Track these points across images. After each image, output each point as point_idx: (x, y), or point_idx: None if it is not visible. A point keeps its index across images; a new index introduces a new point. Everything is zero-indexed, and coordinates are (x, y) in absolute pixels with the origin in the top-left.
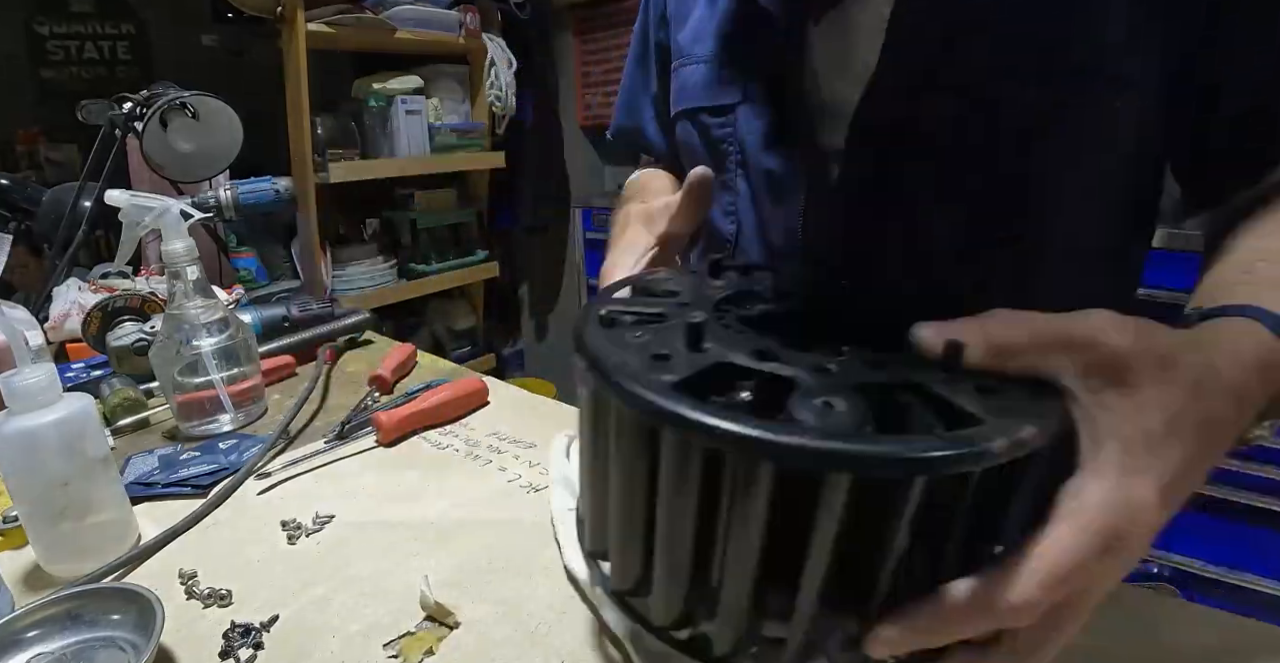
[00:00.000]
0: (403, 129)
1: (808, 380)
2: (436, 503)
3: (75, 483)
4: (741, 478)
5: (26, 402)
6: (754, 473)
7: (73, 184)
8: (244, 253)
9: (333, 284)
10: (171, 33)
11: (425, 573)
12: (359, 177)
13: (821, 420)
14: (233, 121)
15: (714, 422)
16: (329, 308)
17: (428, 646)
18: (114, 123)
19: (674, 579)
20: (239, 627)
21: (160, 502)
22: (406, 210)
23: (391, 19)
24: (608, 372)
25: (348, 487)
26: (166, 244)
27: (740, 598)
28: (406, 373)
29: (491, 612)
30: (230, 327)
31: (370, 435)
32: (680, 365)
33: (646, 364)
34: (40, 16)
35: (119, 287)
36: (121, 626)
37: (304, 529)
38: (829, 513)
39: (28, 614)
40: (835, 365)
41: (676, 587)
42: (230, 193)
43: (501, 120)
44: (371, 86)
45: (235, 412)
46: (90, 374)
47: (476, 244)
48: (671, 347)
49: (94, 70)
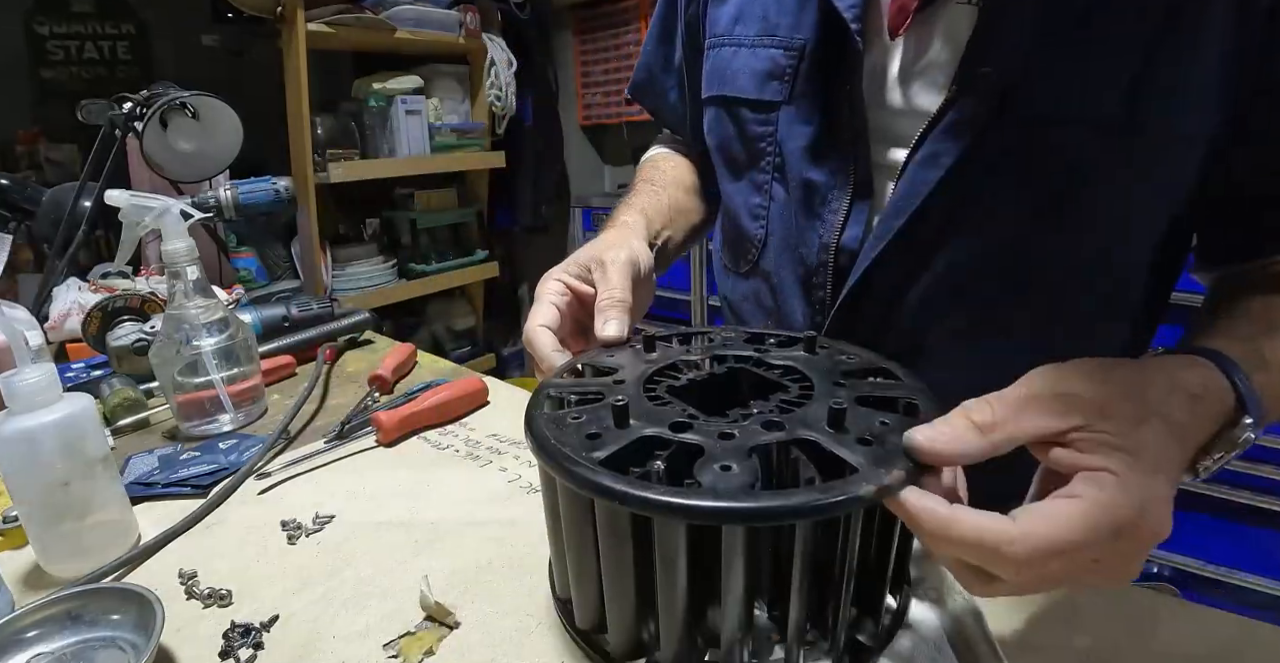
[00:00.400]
0: (403, 129)
1: (712, 446)
2: (436, 503)
3: (75, 483)
4: (658, 533)
5: (26, 402)
6: (666, 529)
7: (73, 184)
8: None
9: (333, 284)
10: (171, 33)
11: (425, 573)
12: (359, 176)
13: (719, 483)
14: (233, 121)
15: (629, 491)
16: (329, 308)
17: (428, 646)
18: (114, 123)
19: (622, 617)
20: (239, 627)
21: (160, 502)
22: (406, 210)
23: (391, 19)
24: (549, 452)
25: (348, 487)
26: (166, 244)
27: (676, 629)
28: (406, 373)
29: (491, 612)
30: (230, 327)
31: (370, 435)
32: (609, 442)
33: (581, 443)
34: (40, 16)
35: (119, 287)
36: (121, 626)
37: (304, 529)
38: (734, 555)
39: (28, 614)
40: (738, 430)
41: (626, 623)
42: (230, 193)
43: (501, 120)
44: (371, 86)
45: (235, 412)
46: (90, 374)
47: (476, 244)
48: (602, 425)
49: (94, 70)
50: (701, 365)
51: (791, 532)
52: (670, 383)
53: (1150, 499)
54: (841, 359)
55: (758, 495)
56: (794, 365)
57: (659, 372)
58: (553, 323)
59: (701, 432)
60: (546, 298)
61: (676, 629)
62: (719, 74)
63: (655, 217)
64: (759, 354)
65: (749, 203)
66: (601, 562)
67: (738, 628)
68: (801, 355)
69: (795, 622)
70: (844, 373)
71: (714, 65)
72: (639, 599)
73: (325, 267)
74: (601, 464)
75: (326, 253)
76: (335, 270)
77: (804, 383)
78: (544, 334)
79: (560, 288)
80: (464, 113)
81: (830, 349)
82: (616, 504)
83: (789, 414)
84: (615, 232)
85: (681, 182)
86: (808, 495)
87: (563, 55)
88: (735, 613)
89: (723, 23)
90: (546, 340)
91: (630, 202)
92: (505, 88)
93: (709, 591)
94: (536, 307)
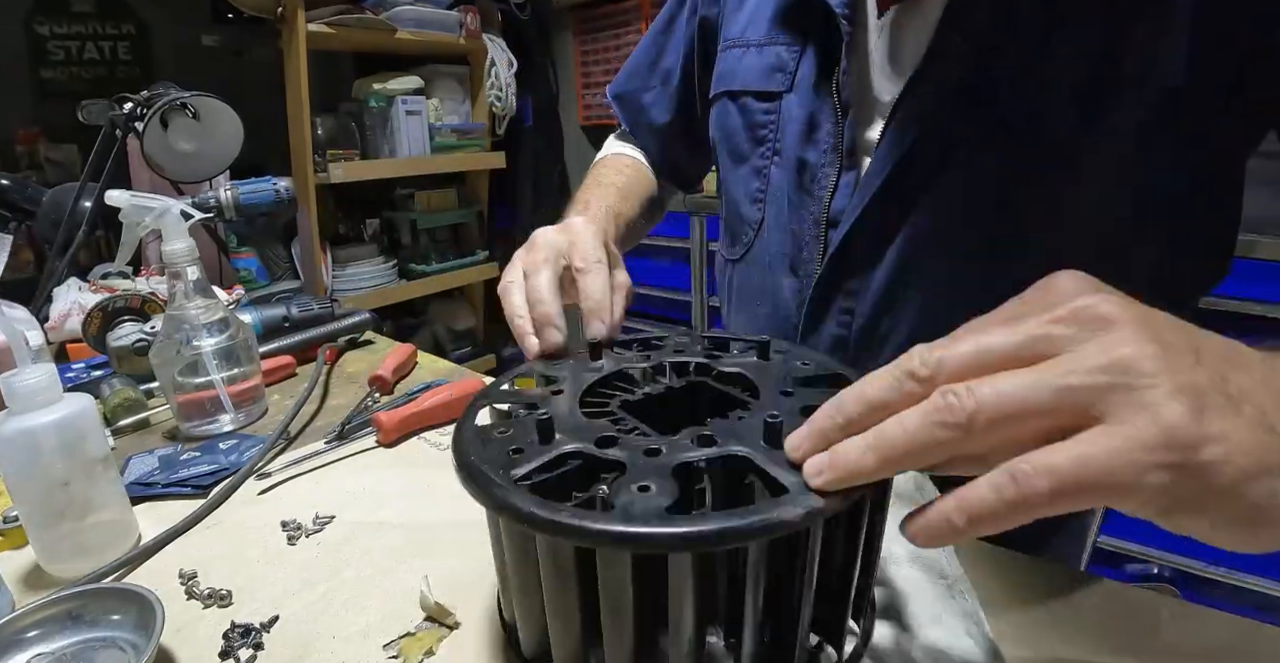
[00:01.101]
0: (403, 129)
1: (636, 464)
2: (437, 503)
3: (75, 483)
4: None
5: (26, 402)
6: (560, 550)
7: (73, 184)
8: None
9: (333, 284)
10: (171, 33)
11: (425, 573)
12: (359, 177)
13: (633, 503)
14: (233, 121)
15: (532, 511)
16: (329, 308)
17: (428, 646)
18: (114, 123)
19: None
20: (239, 627)
21: (160, 502)
22: (406, 210)
23: (391, 19)
24: (467, 468)
25: (348, 487)
26: (167, 244)
27: (570, 642)
28: (406, 373)
29: (491, 612)
30: (230, 327)
31: (370, 436)
32: (530, 458)
33: (504, 459)
34: (40, 16)
35: (119, 287)
36: (121, 626)
37: (304, 529)
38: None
39: (28, 614)
40: (666, 446)
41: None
42: (230, 193)
43: (501, 120)
44: (372, 87)
45: (235, 412)
46: (90, 374)
47: (476, 244)
48: (527, 441)
49: (94, 70)
50: (648, 374)
51: (742, 555)
52: (614, 393)
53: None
54: (794, 366)
55: (669, 521)
56: (742, 373)
57: (602, 381)
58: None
59: (627, 447)
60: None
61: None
62: (729, 73)
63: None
64: (709, 361)
65: (749, 189)
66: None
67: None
68: (752, 362)
69: (749, 652)
70: (795, 381)
71: (725, 67)
72: (581, 625)
73: (325, 267)
74: (519, 482)
75: (327, 253)
76: (335, 271)
77: (750, 391)
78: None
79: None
80: (464, 113)
81: (786, 354)
82: (523, 524)
83: (727, 427)
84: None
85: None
86: (721, 521)
87: (563, 55)
88: (684, 644)
89: (737, 28)
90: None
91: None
92: (505, 88)
93: (656, 618)
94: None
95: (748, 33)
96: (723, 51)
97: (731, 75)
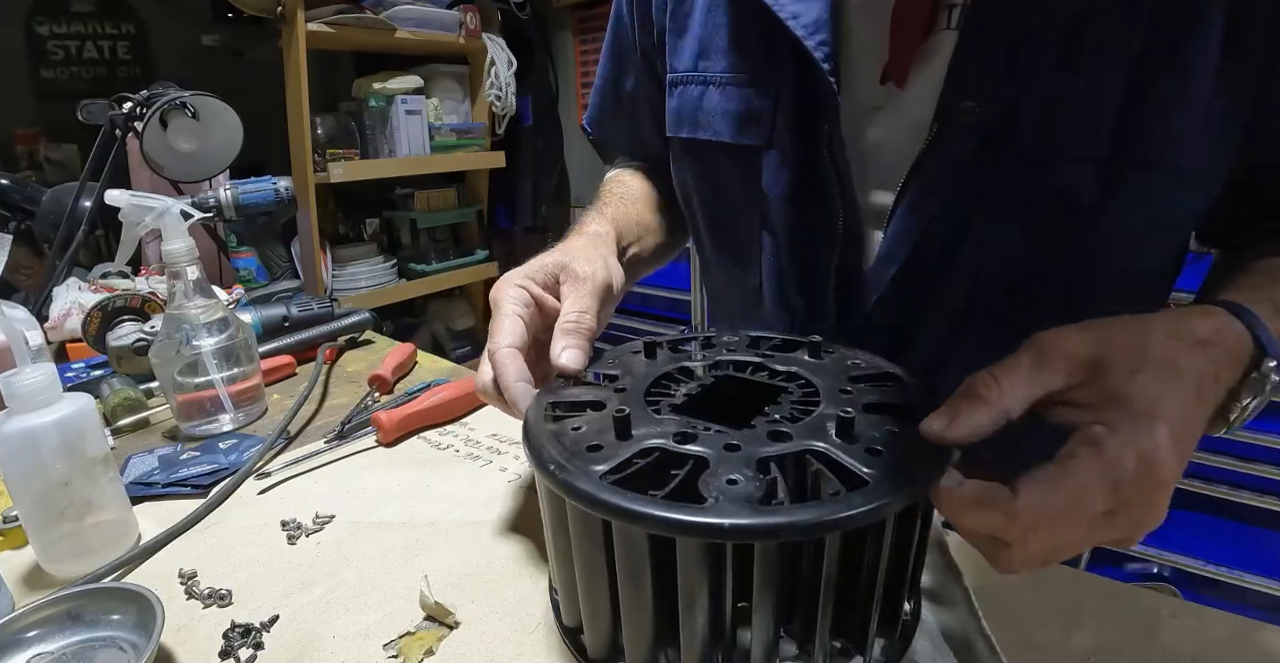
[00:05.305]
0: (403, 129)
1: (716, 458)
2: (436, 503)
3: (75, 483)
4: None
5: (26, 402)
6: (684, 547)
7: (73, 184)
8: (244, 253)
9: (333, 284)
10: (171, 33)
11: (425, 573)
12: (359, 177)
13: (723, 495)
14: (233, 121)
15: (627, 505)
16: (329, 308)
17: (428, 646)
18: (114, 123)
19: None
20: (239, 627)
21: (160, 502)
22: (406, 210)
23: (391, 19)
24: (546, 464)
25: (348, 487)
26: (166, 244)
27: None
28: (406, 373)
29: (491, 612)
30: (230, 327)
31: (370, 435)
32: (610, 455)
33: (582, 455)
34: (40, 16)
35: (119, 287)
36: (121, 626)
37: (304, 529)
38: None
39: (28, 614)
40: (741, 441)
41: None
42: (230, 193)
43: (501, 120)
44: (371, 86)
45: (235, 412)
46: (90, 374)
47: (476, 244)
48: (604, 437)
49: (94, 70)
50: (704, 372)
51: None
52: (673, 390)
53: (1149, 447)
54: (848, 365)
55: (782, 511)
56: (798, 372)
57: (660, 379)
58: (520, 342)
59: (706, 442)
60: (509, 308)
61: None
62: (689, 116)
63: (626, 230)
64: (762, 360)
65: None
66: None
67: (768, 646)
68: (806, 360)
69: (822, 637)
70: (850, 379)
71: (681, 104)
72: (655, 622)
73: (325, 267)
74: (603, 478)
75: (326, 253)
76: (335, 270)
77: (809, 390)
78: (511, 359)
79: (524, 296)
80: (464, 113)
81: (836, 354)
82: (616, 517)
83: (796, 423)
84: (586, 241)
85: (649, 199)
86: (830, 507)
87: (563, 55)
88: (765, 633)
89: (685, 57)
90: (513, 369)
91: (601, 210)
92: (505, 88)
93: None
94: (499, 319)
95: (701, 64)
96: (674, 86)
97: (693, 120)
